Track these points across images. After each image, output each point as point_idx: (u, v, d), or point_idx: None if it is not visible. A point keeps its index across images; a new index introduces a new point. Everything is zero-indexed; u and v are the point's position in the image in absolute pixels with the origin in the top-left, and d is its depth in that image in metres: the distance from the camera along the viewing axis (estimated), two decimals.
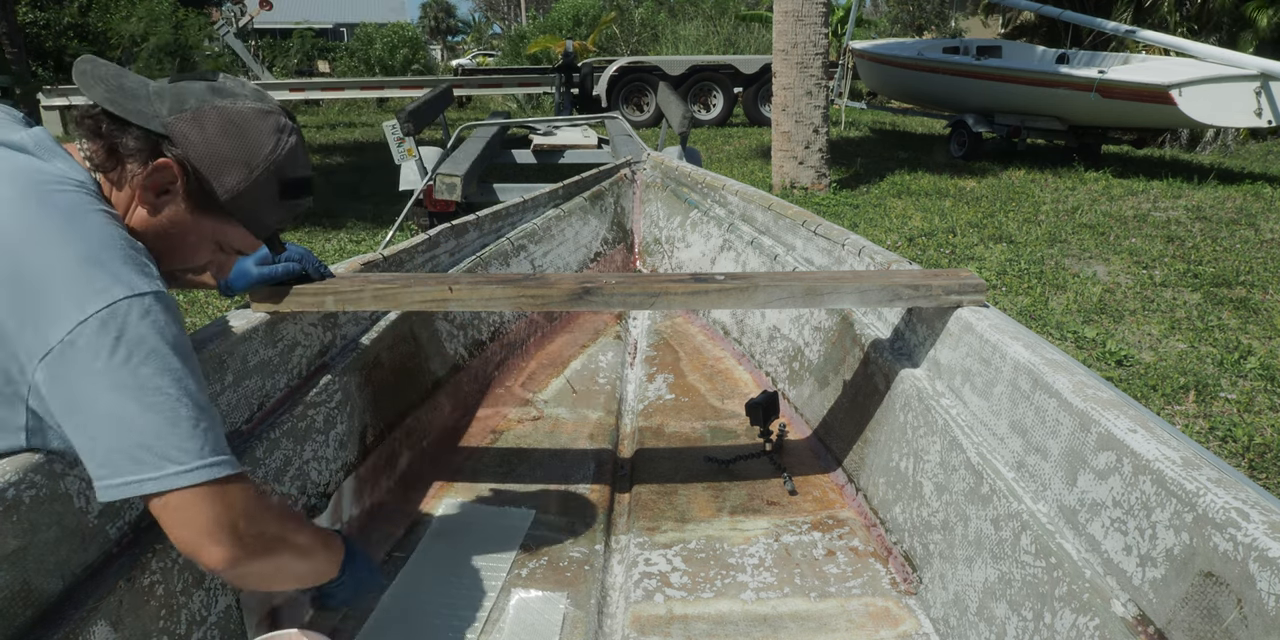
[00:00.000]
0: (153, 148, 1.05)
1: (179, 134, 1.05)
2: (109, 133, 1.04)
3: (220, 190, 1.09)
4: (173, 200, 1.08)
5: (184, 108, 1.06)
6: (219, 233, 1.14)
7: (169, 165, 1.05)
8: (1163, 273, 5.15)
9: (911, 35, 24.21)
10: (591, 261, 3.27)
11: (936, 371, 1.69)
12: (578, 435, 2.22)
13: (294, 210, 1.19)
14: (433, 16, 47.87)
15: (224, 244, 1.17)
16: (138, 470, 0.94)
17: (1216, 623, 0.92)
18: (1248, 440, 2.98)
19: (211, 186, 1.08)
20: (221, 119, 1.07)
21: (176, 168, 1.06)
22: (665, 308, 2.12)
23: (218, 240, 1.15)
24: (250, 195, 1.11)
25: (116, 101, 1.04)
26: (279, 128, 1.12)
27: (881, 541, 1.72)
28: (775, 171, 8.04)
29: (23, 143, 1.02)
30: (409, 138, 5.22)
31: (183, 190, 1.08)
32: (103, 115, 1.05)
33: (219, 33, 16.21)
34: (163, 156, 1.05)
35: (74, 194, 1.00)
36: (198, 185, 1.08)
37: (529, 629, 1.45)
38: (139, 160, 1.05)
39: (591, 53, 18.36)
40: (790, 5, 7.48)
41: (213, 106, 1.07)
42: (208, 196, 1.09)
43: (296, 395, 1.62)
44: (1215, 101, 7.93)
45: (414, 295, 1.63)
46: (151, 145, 1.05)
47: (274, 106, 1.13)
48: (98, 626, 1.03)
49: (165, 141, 1.05)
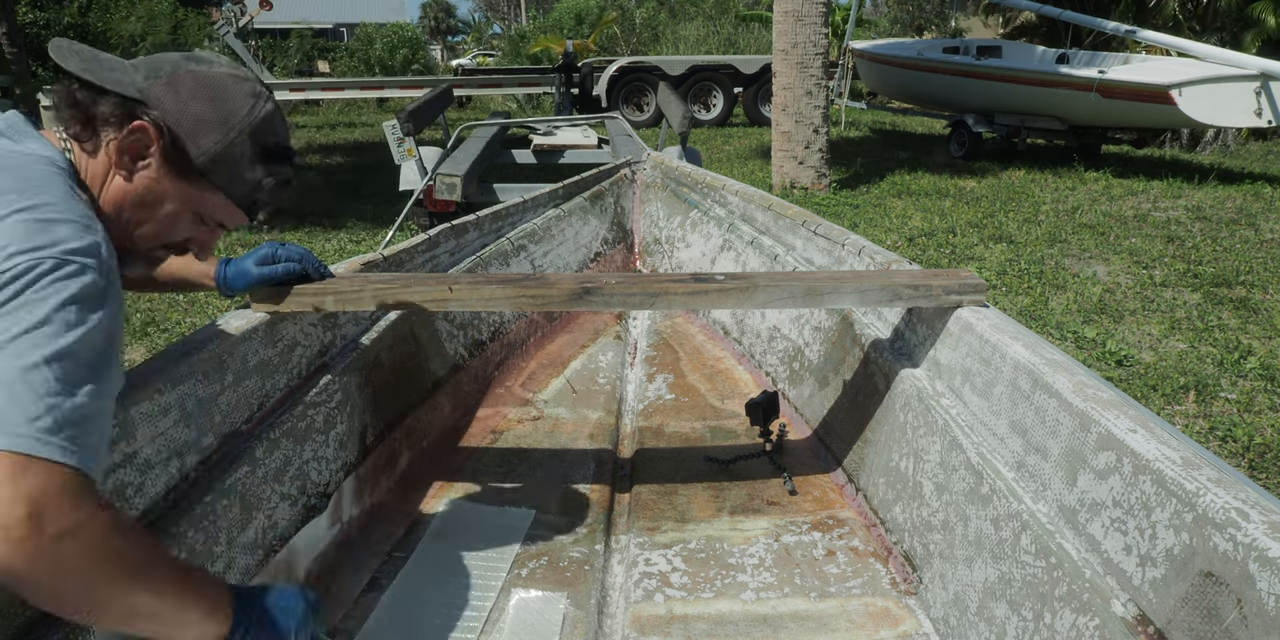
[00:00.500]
0: (128, 112, 1.05)
1: (154, 97, 1.05)
2: (84, 101, 1.04)
3: (196, 152, 1.08)
4: (149, 166, 1.08)
5: (159, 74, 1.07)
6: (198, 201, 1.13)
7: (145, 128, 1.05)
8: (1163, 273, 5.15)
9: (911, 35, 24.21)
10: (591, 261, 3.27)
11: (936, 371, 1.69)
12: (578, 435, 2.22)
13: (273, 176, 1.17)
14: (433, 16, 47.89)
15: (204, 215, 1.15)
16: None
17: (1216, 623, 0.92)
18: (1248, 440, 2.98)
19: (188, 148, 1.08)
20: (196, 82, 1.08)
21: (153, 130, 1.05)
22: (665, 308, 2.12)
23: (197, 210, 1.14)
24: (227, 158, 1.11)
25: (91, 70, 1.05)
26: (254, 93, 1.13)
27: (881, 541, 1.72)
28: (775, 171, 8.04)
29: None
30: (409, 138, 5.23)
31: (159, 154, 1.07)
32: (78, 85, 1.05)
33: (219, 33, 16.18)
34: (138, 119, 1.05)
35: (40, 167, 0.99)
36: (174, 149, 1.07)
37: (529, 629, 1.45)
38: (115, 125, 1.05)
39: (592, 53, 18.36)
40: (790, 5, 7.49)
41: (188, 71, 1.08)
42: (185, 160, 1.08)
43: (296, 395, 1.62)
44: (1215, 101, 7.94)
45: (414, 295, 1.63)
46: (127, 110, 1.05)
47: (249, 75, 1.14)
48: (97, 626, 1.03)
49: (141, 106, 1.05)
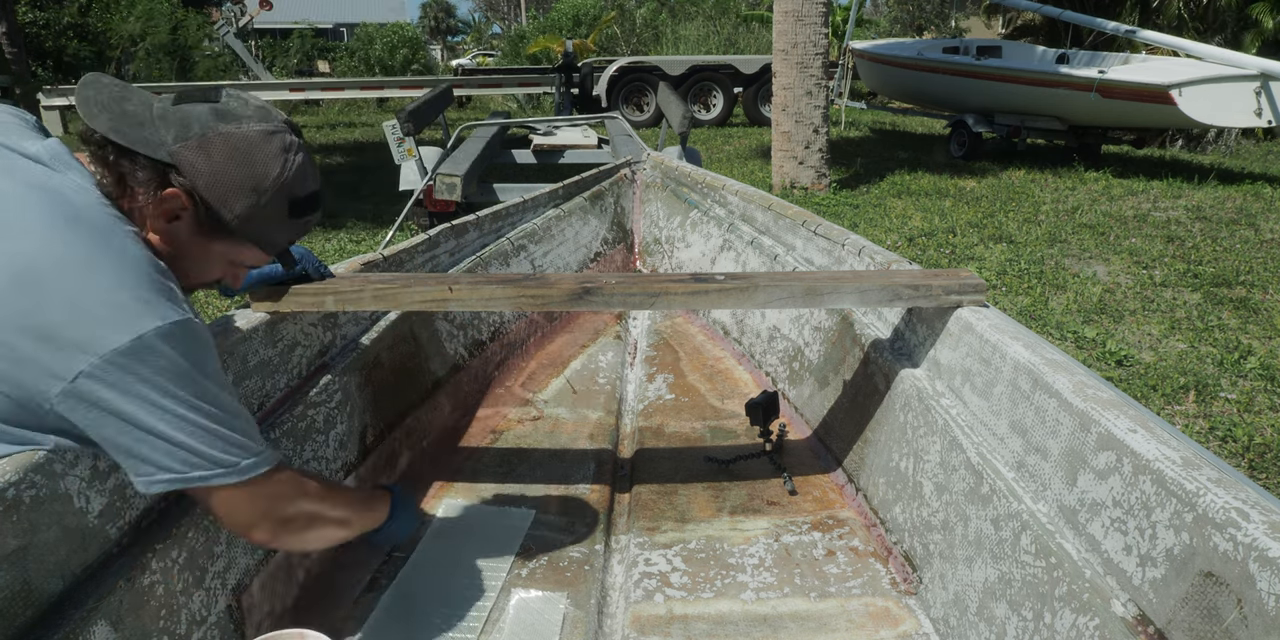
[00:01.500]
0: (160, 178, 1.05)
1: (185, 163, 1.05)
2: (116, 162, 1.05)
3: (229, 216, 1.10)
4: (183, 225, 1.09)
5: (189, 135, 1.06)
6: (230, 253, 1.17)
7: (177, 195, 1.06)
8: (1163, 273, 5.15)
9: (911, 35, 24.21)
10: (591, 261, 3.27)
11: (936, 371, 1.69)
12: (578, 435, 2.22)
13: (305, 227, 1.21)
14: (433, 16, 47.89)
15: (236, 262, 1.19)
16: (181, 470, 1.02)
17: (1216, 623, 0.92)
18: (1248, 440, 2.97)
19: (220, 213, 1.09)
20: (227, 146, 1.07)
21: (185, 197, 1.07)
22: (665, 308, 2.12)
23: (230, 259, 1.18)
24: (260, 218, 1.12)
25: (121, 131, 1.05)
26: (285, 147, 1.12)
27: (881, 541, 1.72)
28: (775, 171, 8.03)
29: (38, 155, 1.03)
30: (409, 138, 5.22)
31: (192, 217, 1.09)
32: (109, 145, 1.05)
33: (219, 33, 16.23)
34: (170, 187, 1.06)
35: (98, 213, 1.01)
36: (206, 212, 1.09)
37: (529, 629, 1.45)
38: (147, 189, 1.06)
39: (592, 53, 18.36)
40: (790, 5, 7.48)
41: (217, 133, 1.07)
42: (217, 221, 1.10)
43: (296, 395, 1.63)
44: (1215, 101, 7.93)
45: (414, 295, 1.63)
46: (159, 175, 1.05)
47: (278, 125, 1.13)
48: (98, 626, 1.03)
49: (172, 171, 1.05)
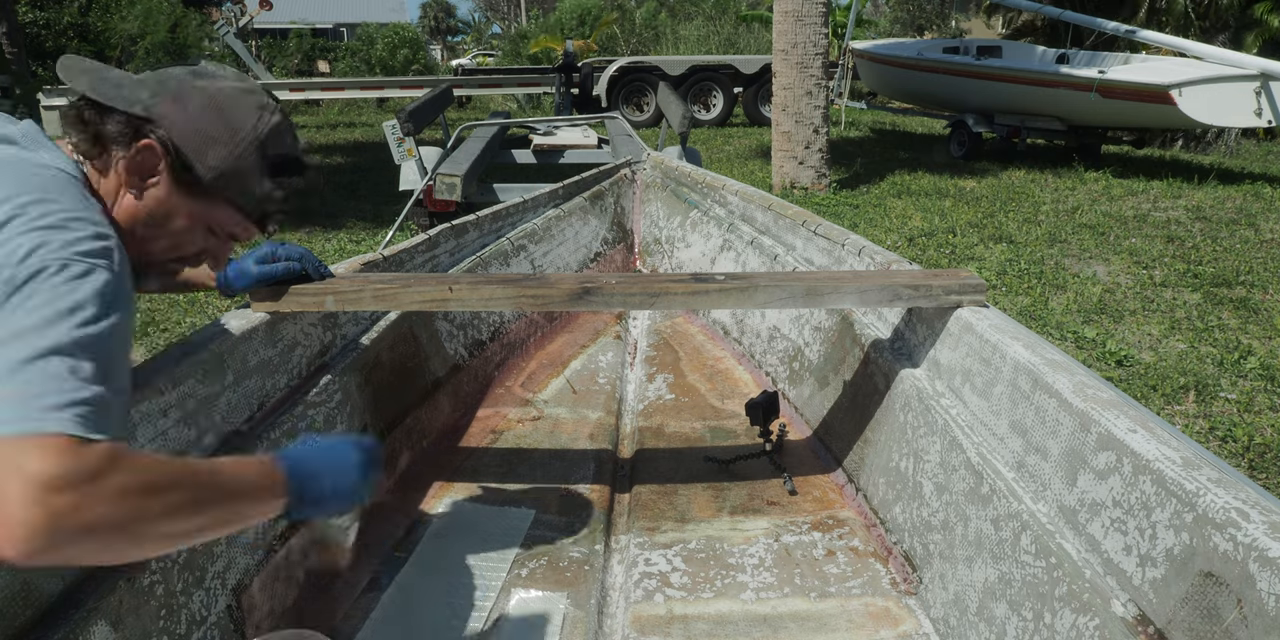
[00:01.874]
0: (136, 131, 1.06)
1: (160, 115, 1.06)
2: (92, 119, 1.05)
3: (204, 168, 1.09)
4: (158, 184, 1.09)
5: (166, 90, 1.07)
6: (208, 215, 1.13)
7: (151, 146, 1.06)
8: (1163, 273, 5.15)
9: (912, 35, 24.21)
10: (591, 261, 3.27)
11: (936, 371, 1.69)
12: (578, 435, 2.22)
13: (283, 189, 1.18)
14: (433, 16, 47.89)
15: (215, 228, 1.16)
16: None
17: (1216, 623, 0.92)
18: (1248, 440, 2.97)
19: (194, 165, 1.08)
20: (202, 97, 1.09)
21: (159, 148, 1.06)
22: (665, 308, 2.12)
23: (208, 224, 1.14)
24: (235, 172, 1.11)
25: (98, 89, 1.06)
26: (261, 105, 1.13)
27: (881, 541, 1.72)
28: (775, 171, 8.03)
29: (10, 135, 1.03)
30: (409, 138, 5.23)
31: (167, 171, 1.08)
32: (86, 104, 1.06)
33: (219, 32, 16.21)
34: (145, 138, 1.06)
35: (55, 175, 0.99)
36: (182, 165, 1.08)
37: (529, 629, 1.45)
38: (123, 144, 1.05)
39: (592, 53, 18.36)
40: (790, 5, 7.48)
41: (194, 86, 1.09)
42: (193, 176, 1.09)
43: (296, 395, 1.62)
44: (1215, 101, 7.94)
45: (414, 295, 1.63)
46: (135, 128, 1.06)
47: (256, 88, 1.15)
48: (98, 626, 1.03)
49: (148, 124, 1.06)
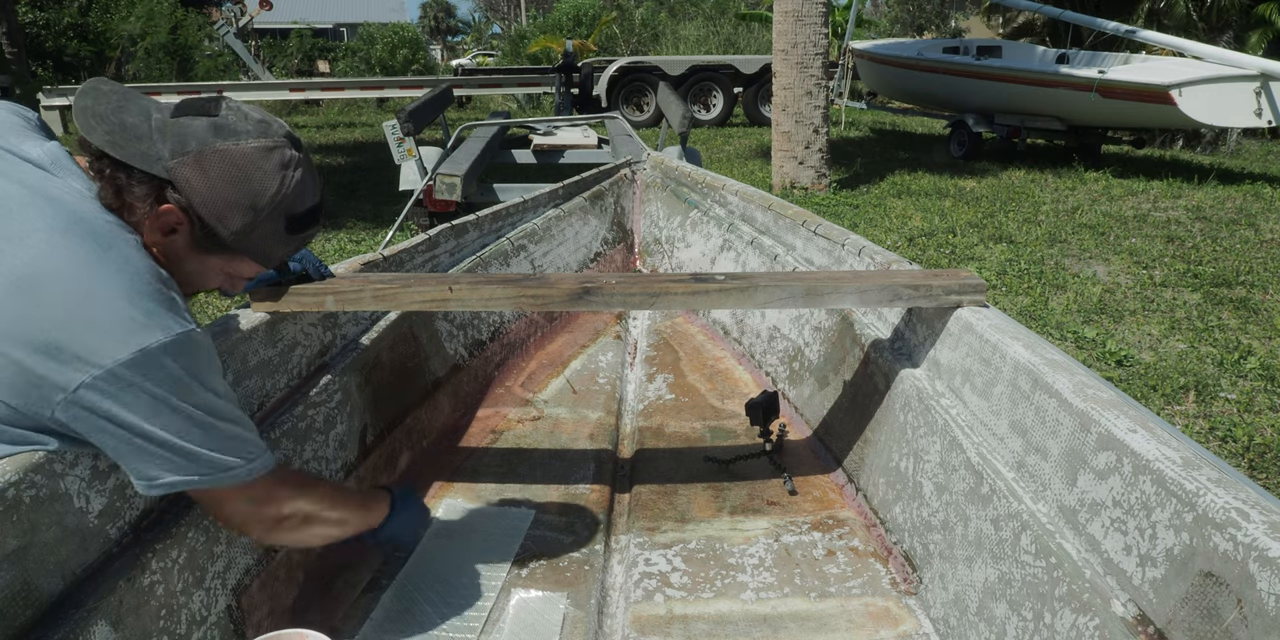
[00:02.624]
0: (157, 193, 1.05)
1: (181, 180, 1.05)
2: (113, 176, 1.05)
3: (225, 232, 1.10)
4: (179, 239, 1.10)
5: (185, 150, 1.05)
6: (227, 266, 1.17)
7: (173, 211, 1.06)
8: (1163, 273, 5.15)
9: (912, 35, 24.21)
10: (591, 261, 3.27)
11: (936, 371, 1.69)
12: (578, 435, 2.22)
13: (303, 241, 1.21)
14: (433, 16, 47.90)
15: (233, 274, 1.20)
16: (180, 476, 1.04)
17: (1216, 623, 0.92)
18: (1248, 440, 2.97)
19: (217, 230, 1.09)
20: (224, 163, 1.07)
21: (180, 213, 1.07)
22: (665, 308, 2.12)
23: (227, 271, 1.19)
24: (257, 234, 1.13)
25: (117, 144, 1.04)
26: (283, 163, 1.11)
27: (881, 541, 1.72)
28: (775, 171, 8.03)
29: (39, 159, 1.04)
30: (409, 138, 5.23)
31: (188, 232, 1.09)
32: (107, 161, 1.05)
33: (219, 33, 16.24)
34: (166, 203, 1.06)
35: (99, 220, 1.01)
36: (202, 228, 1.09)
37: (529, 629, 1.45)
38: (145, 203, 1.06)
39: (592, 52, 18.36)
40: (790, 5, 7.48)
41: (214, 150, 1.07)
42: (213, 237, 1.10)
43: (296, 395, 1.63)
44: (1215, 101, 7.93)
45: (414, 295, 1.63)
46: (156, 190, 1.05)
47: (278, 139, 1.12)
48: (98, 626, 1.03)
49: (169, 187, 1.05)
